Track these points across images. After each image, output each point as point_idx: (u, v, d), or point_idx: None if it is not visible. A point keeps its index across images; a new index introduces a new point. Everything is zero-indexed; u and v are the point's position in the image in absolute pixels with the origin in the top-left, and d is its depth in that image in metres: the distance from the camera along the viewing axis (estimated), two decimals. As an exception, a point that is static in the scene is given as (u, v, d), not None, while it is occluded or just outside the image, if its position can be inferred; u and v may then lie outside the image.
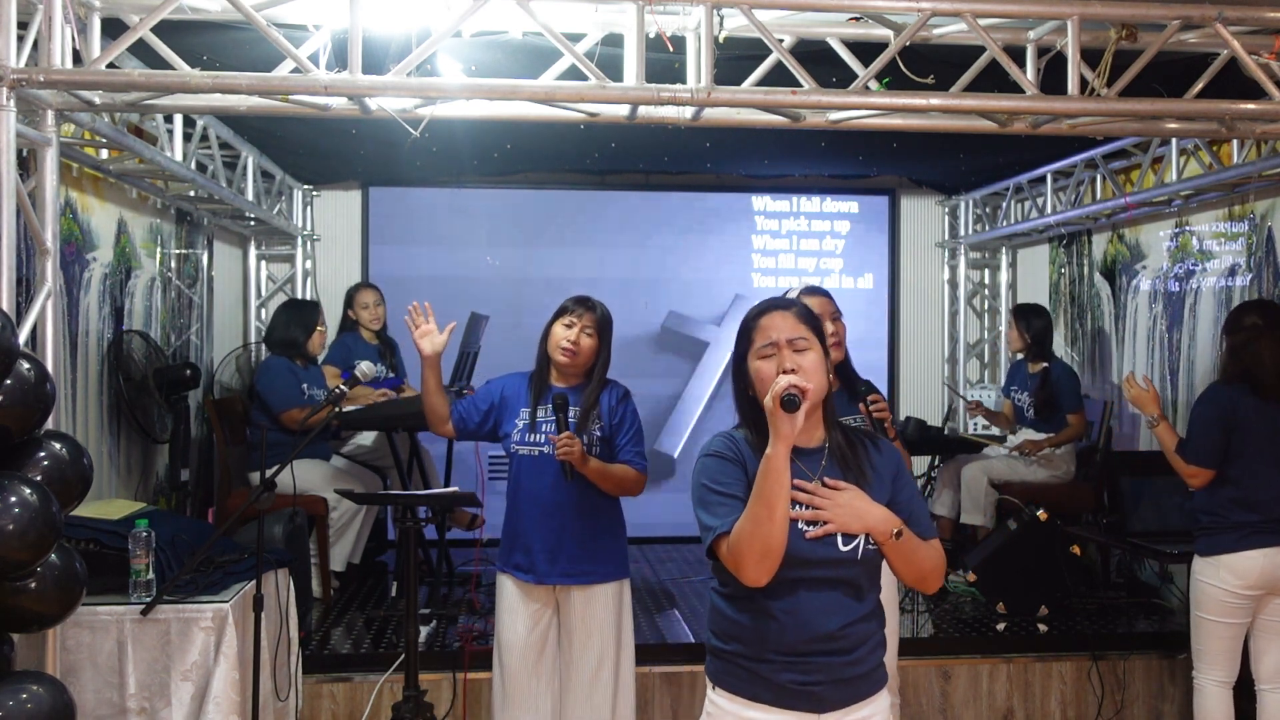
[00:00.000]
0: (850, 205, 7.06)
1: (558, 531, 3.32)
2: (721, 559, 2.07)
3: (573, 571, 3.33)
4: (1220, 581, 3.57)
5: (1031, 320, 5.57)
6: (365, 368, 3.72)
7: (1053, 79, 3.34)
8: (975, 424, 6.30)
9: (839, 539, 2.08)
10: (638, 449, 3.37)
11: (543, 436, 3.32)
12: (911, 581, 2.19)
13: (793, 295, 3.30)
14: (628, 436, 3.37)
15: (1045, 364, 5.50)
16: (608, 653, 3.36)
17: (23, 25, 2.96)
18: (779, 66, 3.24)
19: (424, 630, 4.48)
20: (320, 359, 5.53)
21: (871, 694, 2.16)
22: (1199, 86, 3.38)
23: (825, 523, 2.07)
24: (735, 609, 2.15)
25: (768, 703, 2.11)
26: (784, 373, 2.06)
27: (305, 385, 5.14)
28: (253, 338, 6.54)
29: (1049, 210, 6.09)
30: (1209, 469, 3.63)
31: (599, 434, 3.33)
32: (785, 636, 2.09)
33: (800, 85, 3.18)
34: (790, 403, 1.99)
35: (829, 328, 3.24)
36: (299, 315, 5.29)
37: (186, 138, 4.63)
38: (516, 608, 3.36)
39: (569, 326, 3.34)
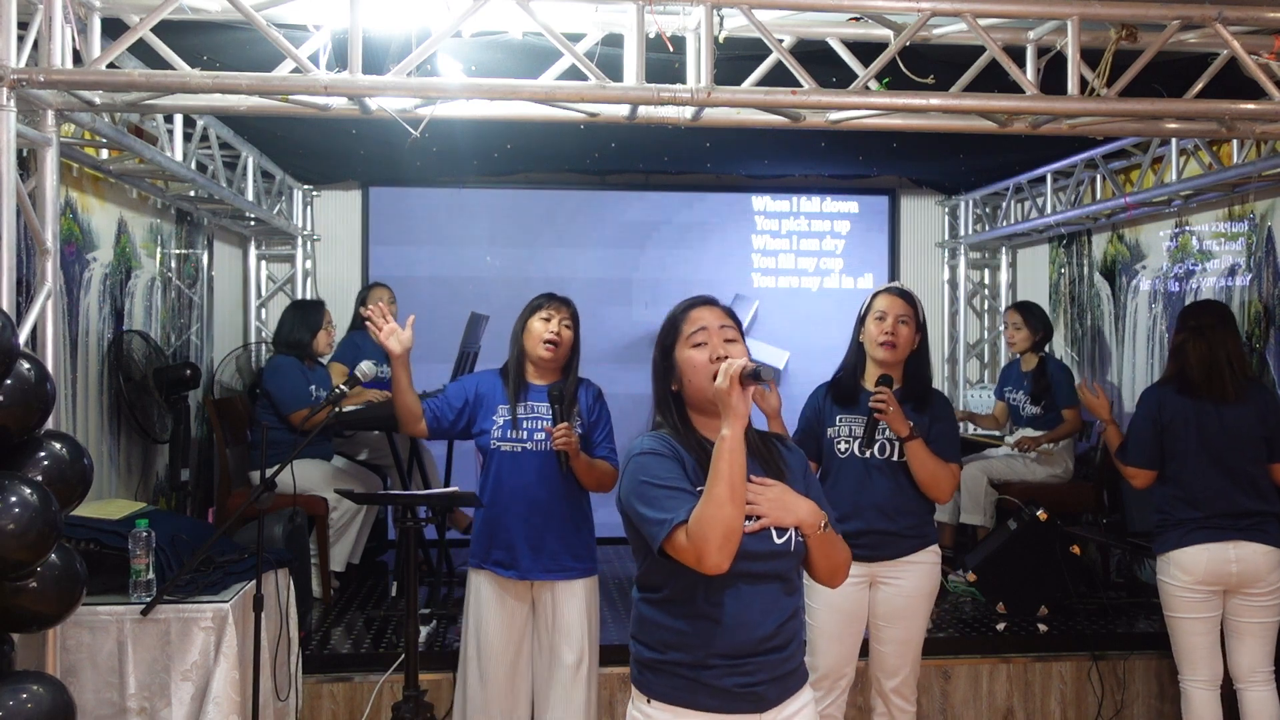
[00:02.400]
0: (850, 205, 7.06)
1: (541, 527, 3.35)
2: (676, 551, 2.01)
3: (554, 567, 3.38)
4: (1172, 578, 3.64)
5: (1039, 316, 5.60)
6: (365, 368, 3.72)
7: (1053, 79, 3.34)
8: (972, 425, 6.29)
9: (773, 532, 2.09)
10: (612, 445, 3.46)
11: (526, 433, 3.35)
12: (825, 576, 2.19)
13: (872, 291, 3.46)
14: (603, 433, 3.45)
15: (1040, 356, 5.53)
16: (585, 649, 3.41)
17: (23, 25, 2.96)
18: (779, 66, 3.24)
19: (424, 630, 4.48)
20: (327, 358, 5.54)
21: (800, 688, 2.18)
22: (1199, 86, 3.38)
23: (759, 517, 2.07)
24: (671, 615, 2.11)
25: (709, 709, 2.08)
26: (717, 360, 2.08)
27: (313, 386, 5.15)
28: (253, 338, 6.54)
29: (1049, 210, 6.09)
30: (1145, 469, 3.71)
31: (580, 431, 3.36)
32: (730, 639, 2.07)
33: (800, 85, 3.18)
34: (756, 375, 1.99)
35: (886, 325, 3.28)
36: (304, 316, 5.31)
37: (186, 138, 4.62)
38: (495, 605, 3.39)
39: (547, 320, 3.37)
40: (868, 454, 3.30)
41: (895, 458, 3.27)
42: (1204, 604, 3.61)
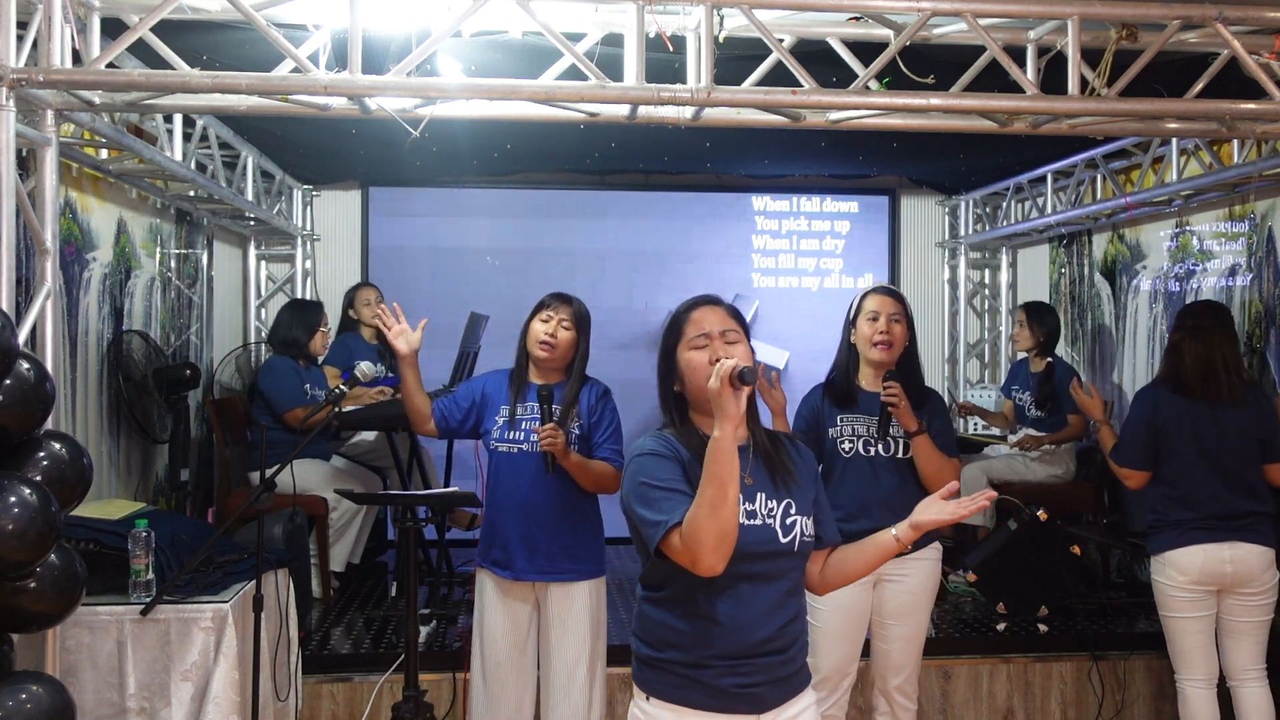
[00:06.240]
0: (850, 205, 7.06)
1: (535, 528, 3.32)
2: (672, 553, 2.02)
3: (549, 569, 3.34)
4: (1168, 579, 3.65)
5: (1044, 318, 5.55)
6: (365, 368, 3.72)
7: (1053, 79, 3.34)
8: (974, 423, 6.28)
9: (778, 532, 2.11)
10: (615, 446, 3.38)
11: (521, 434, 3.32)
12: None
13: (860, 292, 3.42)
14: (606, 434, 3.37)
15: (1049, 360, 5.51)
16: (584, 651, 3.36)
17: (23, 25, 2.96)
18: (779, 66, 3.24)
19: (424, 630, 4.48)
20: (321, 360, 5.53)
21: (802, 690, 2.19)
22: (1199, 86, 3.38)
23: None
24: (672, 614, 2.12)
25: (707, 708, 2.10)
26: (715, 362, 2.03)
27: (308, 386, 5.15)
28: (253, 338, 6.54)
29: (1049, 210, 6.09)
30: (1138, 470, 3.72)
31: (577, 431, 3.33)
32: (729, 640, 2.08)
33: (800, 85, 3.18)
34: (746, 375, 1.95)
35: (880, 325, 3.29)
36: (301, 316, 5.30)
37: (186, 138, 4.62)
38: (496, 604, 3.37)
39: (546, 321, 3.34)
40: (873, 452, 3.30)
41: (900, 455, 3.29)
42: (1198, 603, 3.63)
